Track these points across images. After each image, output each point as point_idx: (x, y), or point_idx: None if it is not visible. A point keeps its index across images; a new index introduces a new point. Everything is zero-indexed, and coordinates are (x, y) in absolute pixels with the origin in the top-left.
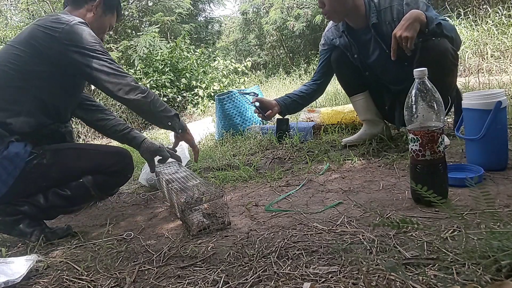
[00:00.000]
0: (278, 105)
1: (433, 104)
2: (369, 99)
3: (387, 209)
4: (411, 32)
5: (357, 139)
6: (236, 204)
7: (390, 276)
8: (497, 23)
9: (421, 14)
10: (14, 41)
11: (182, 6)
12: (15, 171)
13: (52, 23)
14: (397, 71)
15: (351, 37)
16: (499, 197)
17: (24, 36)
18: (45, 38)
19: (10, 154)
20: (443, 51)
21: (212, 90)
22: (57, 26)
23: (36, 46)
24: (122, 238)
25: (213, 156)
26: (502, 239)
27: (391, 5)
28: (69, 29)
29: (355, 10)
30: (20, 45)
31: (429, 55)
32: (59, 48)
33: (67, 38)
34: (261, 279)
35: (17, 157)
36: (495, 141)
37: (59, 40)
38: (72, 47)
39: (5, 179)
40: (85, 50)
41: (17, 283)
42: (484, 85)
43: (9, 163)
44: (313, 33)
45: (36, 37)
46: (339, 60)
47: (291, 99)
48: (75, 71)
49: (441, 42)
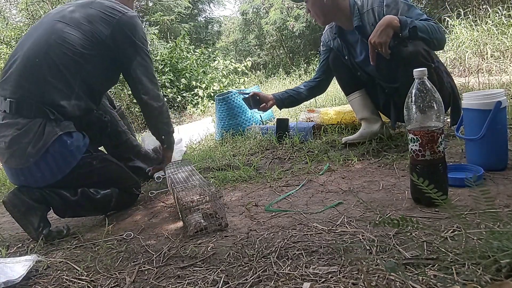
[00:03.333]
0: (273, 99)
1: (433, 104)
2: (365, 97)
3: (387, 209)
4: (383, 38)
5: (357, 137)
6: (236, 204)
7: (390, 276)
8: (497, 23)
9: (393, 20)
10: (64, 18)
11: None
12: (72, 162)
13: (109, 8)
14: (387, 70)
15: (341, 39)
16: (499, 197)
17: (77, 16)
18: (102, 22)
19: (72, 146)
20: (413, 53)
21: (212, 90)
22: (115, 11)
23: (91, 28)
24: (122, 238)
25: (213, 156)
26: (502, 239)
27: (373, 7)
28: (126, 19)
29: (339, 12)
30: (73, 24)
31: (402, 58)
32: (113, 35)
33: (124, 28)
34: (261, 279)
35: (77, 150)
36: (495, 141)
37: (115, 27)
38: (126, 37)
39: (63, 168)
40: (137, 44)
41: (17, 283)
42: (484, 85)
43: (69, 154)
44: (313, 33)
45: (93, 20)
46: (335, 62)
47: (288, 94)
48: (122, 60)
49: (412, 44)
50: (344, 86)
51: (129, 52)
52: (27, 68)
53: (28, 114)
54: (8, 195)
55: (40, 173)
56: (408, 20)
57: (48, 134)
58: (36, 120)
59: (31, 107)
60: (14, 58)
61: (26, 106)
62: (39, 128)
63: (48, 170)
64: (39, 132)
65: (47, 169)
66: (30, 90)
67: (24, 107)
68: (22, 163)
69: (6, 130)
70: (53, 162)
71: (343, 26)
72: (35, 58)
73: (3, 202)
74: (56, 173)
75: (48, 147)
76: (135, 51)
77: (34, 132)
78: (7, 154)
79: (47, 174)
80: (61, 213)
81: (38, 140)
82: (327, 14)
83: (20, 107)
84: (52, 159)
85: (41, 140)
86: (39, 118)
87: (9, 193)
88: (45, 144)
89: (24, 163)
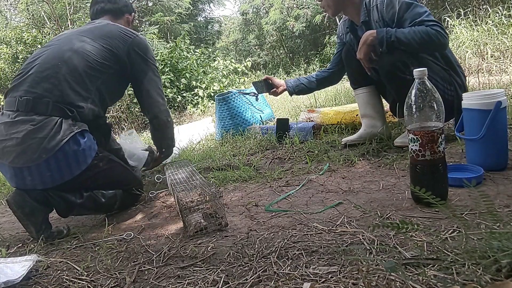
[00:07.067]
0: (285, 85)
1: (433, 104)
2: (372, 94)
3: (387, 209)
4: (362, 55)
5: (357, 138)
6: (236, 204)
7: (390, 276)
8: (497, 23)
9: (369, 37)
10: (85, 32)
11: (181, 6)
12: (83, 164)
13: (124, 29)
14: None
15: (352, 33)
16: (499, 197)
17: (98, 32)
18: (120, 39)
19: (85, 146)
20: (389, 64)
21: (212, 90)
22: (130, 33)
23: (111, 43)
24: (122, 238)
25: (213, 156)
26: (502, 239)
27: (377, 4)
28: (140, 40)
29: (349, 5)
30: (94, 38)
31: (380, 69)
32: (128, 51)
33: (138, 47)
34: (261, 279)
35: (89, 151)
36: (495, 141)
37: (131, 45)
38: (139, 55)
39: (73, 169)
40: (149, 62)
41: (17, 283)
42: (484, 85)
43: (81, 153)
44: (313, 33)
45: (112, 36)
46: (347, 55)
47: (299, 82)
48: (134, 75)
49: (389, 56)
50: (352, 80)
51: (141, 67)
52: (48, 70)
53: (44, 112)
54: (13, 195)
55: (49, 172)
56: (389, 33)
57: (65, 130)
58: (52, 117)
59: (48, 105)
60: (33, 63)
61: (42, 104)
62: (55, 124)
63: (57, 170)
64: (56, 129)
65: (56, 168)
66: (49, 90)
67: (40, 105)
68: (33, 159)
69: (19, 126)
70: (64, 161)
71: (354, 20)
72: (57, 61)
73: (7, 202)
74: (65, 174)
75: (64, 144)
76: (147, 68)
77: (51, 128)
78: (17, 151)
79: (56, 174)
80: (64, 215)
81: (54, 136)
82: (336, 5)
83: (36, 105)
84: (64, 158)
85: (58, 136)
86: (56, 116)
87: (14, 193)
88: (61, 140)
89: (35, 159)
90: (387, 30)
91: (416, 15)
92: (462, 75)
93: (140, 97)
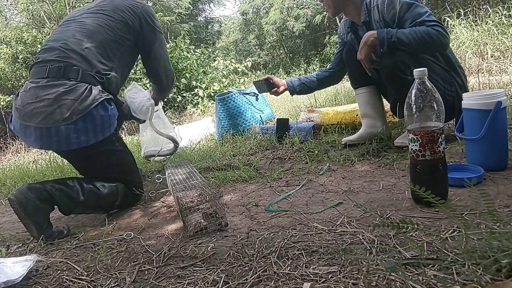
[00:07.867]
0: (286, 85)
1: (433, 104)
2: (372, 94)
3: (387, 209)
4: (363, 56)
5: (357, 138)
6: (236, 204)
7: (390, 276)
8: (497, 23)
9: (370, 38)
10: (100, 9)
11: (181, 6)
12: (107, 130)
13: (131, 0)
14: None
15: (353, 33)
16: (499, 197)
17: (110, 7)
18: (130, 11)
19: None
20: (390, 65)
21: (212, 90)
22: (136, 2)
23: (123, 16)
24: (122, 238)
25: (213, 156)
26: (502, 239)
27: (377, 4)
28: (147, 8)
29: (349, 5)
30: (109, 13)
31: (381, 70)
32: (140, 20)
33: (146, 14)
34: (261, 279)
35: (114, 118)
36: (495, 141)
37: (141, 13)
38: (148, 24)
39: (98, 133)
40: (156, 30)
41: (17, 283)
42: (484, 85)
43: (108, 121)
44: (313, 33)
45: (122, 9)
46: (348, 55)
47: (300, 81)
48: (145, 43)
49: (390, 56)
50: (353, 80)
51: (151, 36)
52: (74, 43)
53: (75, 78)
54: (16, 193)
55: (76, 133)
56: (390, 33)
57: (95, 95)
58: (83, 83)
59: (78, 72)
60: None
61: (73, 71)
62: (86, 89)
63: (84, 132)
64: (87, 93)
65: (84, 130)
66: (78, 59)
67: (71, 72)
68: (64, 119)
69: (51, 89)
70: (91, 124)
71: (354, 20)
72: (82, 35)
73: (9, 200)
74: (90, 137)
75: (93, 107)
76: (155, 38)
77: (82, 92)
78: (48, 111)
79: (83, 136)
80: (67, 212)
81: (85, 98)
82: (336, 5)
83: (67, 72)
84: (91, 121)
85: (89, 99)
86: (86, 82)
87: (17, 191)
88: (92, 103)
89: (66, 119)
90: (387, 31)
91: (417, 15)
92: (462, 75)
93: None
